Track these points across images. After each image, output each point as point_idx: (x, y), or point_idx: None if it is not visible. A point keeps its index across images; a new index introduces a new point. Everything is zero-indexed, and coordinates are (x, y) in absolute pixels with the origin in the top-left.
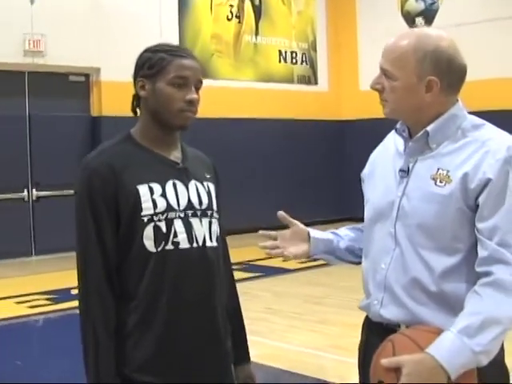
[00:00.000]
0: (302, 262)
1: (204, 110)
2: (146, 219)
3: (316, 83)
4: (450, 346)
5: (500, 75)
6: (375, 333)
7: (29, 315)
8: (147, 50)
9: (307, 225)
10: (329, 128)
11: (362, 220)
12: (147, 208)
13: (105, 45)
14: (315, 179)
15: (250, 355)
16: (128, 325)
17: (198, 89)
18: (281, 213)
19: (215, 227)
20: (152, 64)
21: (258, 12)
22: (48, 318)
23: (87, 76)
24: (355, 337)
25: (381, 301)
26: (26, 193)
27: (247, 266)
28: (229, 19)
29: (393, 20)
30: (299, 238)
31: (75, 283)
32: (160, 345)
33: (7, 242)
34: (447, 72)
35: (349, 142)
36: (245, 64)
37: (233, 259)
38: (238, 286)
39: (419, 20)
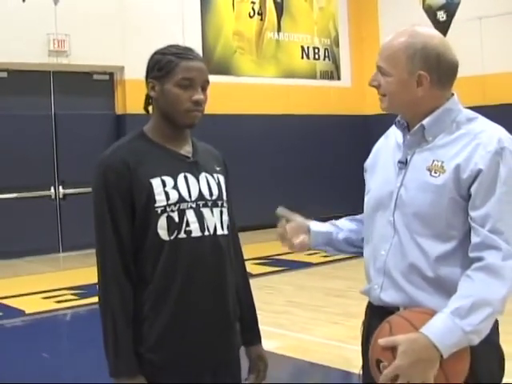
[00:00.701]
0: (325, 256)
1: (227, 107)
2: (159, 210)
3: (339, 79)
4: (443, 327)
5: None
6: (376, 316)
7: (56, 310)
8: (157, 53)
9: (331, 219)
10: (352, 123)
11: None
12: (160, 200)
13: (128, 43)
14: (338, 174)
15: (273, 347)
16: (144, 309)
17: (204, 89)
18: (279, 210)
19: (225, 216)
20: (161, 66)
21: (279, 9)
22: (74, 313)
23: (111, 75)
24: None
25: (381, 285)
26: (52, 191)
27: (271, 261)
28: (251, 16)
29: (414, 14)
30: (301, 230)
31: None
32: (170, 327)
33: (35, 239)
34: (436, 67)
35: (372, 137)
36: (267, 61)
37: (257, 254)
38: (262, 279)
39: (441, 14)
